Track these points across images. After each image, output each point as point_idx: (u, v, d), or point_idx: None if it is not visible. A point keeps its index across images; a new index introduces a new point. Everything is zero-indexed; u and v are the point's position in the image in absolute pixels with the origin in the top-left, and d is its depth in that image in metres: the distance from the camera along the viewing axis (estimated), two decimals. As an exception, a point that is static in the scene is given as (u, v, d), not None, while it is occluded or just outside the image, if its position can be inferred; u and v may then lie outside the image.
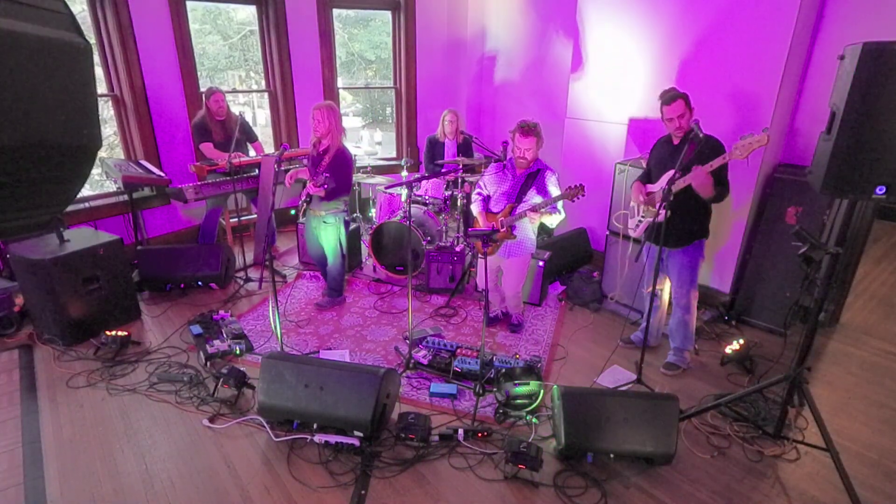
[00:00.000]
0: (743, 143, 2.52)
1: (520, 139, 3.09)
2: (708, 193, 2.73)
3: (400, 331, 3.66)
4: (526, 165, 3.19)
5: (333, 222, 3.63)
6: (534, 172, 3.20)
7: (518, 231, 3.27)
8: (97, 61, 4.37)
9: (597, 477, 2.38)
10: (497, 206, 3.31)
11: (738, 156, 2.55)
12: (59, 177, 1.16)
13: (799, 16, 3.13)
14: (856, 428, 2.75)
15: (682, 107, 2.79)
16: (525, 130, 3.07)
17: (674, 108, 2.79)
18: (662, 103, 2.84)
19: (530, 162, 3.17)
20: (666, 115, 2.84)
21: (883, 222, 6.10)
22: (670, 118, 2.83)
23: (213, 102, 4.29)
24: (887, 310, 4.10)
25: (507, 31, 5.63)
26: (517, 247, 3.33)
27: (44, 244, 3.34)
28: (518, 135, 3.09)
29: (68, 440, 2.60)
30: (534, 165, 3.19)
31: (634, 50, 4.02)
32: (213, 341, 3.30)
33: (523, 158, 3.14)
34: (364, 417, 2.44)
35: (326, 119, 3.39)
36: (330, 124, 3.40)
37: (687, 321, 3.10)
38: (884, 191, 1.93)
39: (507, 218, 3.23)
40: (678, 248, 2.99)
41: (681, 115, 2.80)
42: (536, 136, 3.09)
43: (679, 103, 2.78)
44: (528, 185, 3.20)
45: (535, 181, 3.19)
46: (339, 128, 3.47)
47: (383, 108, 10.40)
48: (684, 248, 2.97)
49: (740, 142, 2.53)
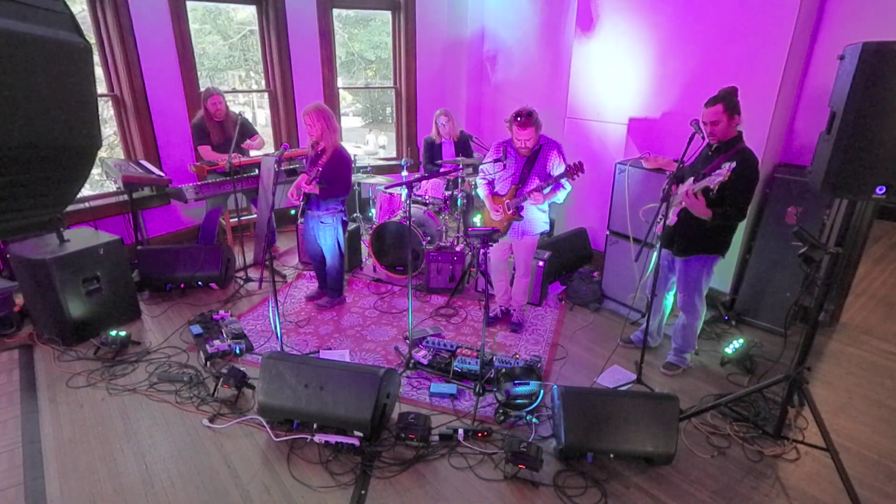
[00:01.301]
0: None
1: (518, 131, 3.06)
2: (701, 215, 2.62)
3: (400, 331, 3.66)
4: (528, 152, 3.18)
5: (331, 222, 3.63)
6: (536, 151, 3.18)
7: (525, 211, 3.26)
8: (97, 61, 4.37)
9: (597, 477, 2.38)
10: (503, 188, 3.32)
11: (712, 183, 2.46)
12: (59, 177, 1.16)
13: (799, 16, 3.13)
14: (856, 428, 2.75)
15: (719, 113, 2.58)
16: (522, 123, 3.01)
17: (711, 112, 2.61)
18: (704, 104, 2.66)
19: (532, 148, 3.16)
20: (702, 118, 2.65)
21: (883, 222, 6.10)
22: (705, 122, 2.64)
23: (212, 105, 4.28)
24: (887, 310, 4.10)
25: (506, 30, 5.63)
26: (528, 225, 3.34)
27: (44, 244, 3.33)
28: (515, 127, 3.05)
29: (68, 440, 2.60)
30: (536, 144, 3.18)
31: (635, 49, 4.03)
32: (213, 341, 3.30)
33: (524, 147, 3.14)
34: (364, 417, 2.44)
35: (317, 122, 3.34)
36: (322, 127, 3.35)
37: (690, 325, 3.09)
38: (884, 191, 1.93)
39: (512, 200, 3.22)
40: (681, 258, 2.95)
41: (714, 122, 2.61)
42: (534, 126, 3.05)
43: (716, 108, 2.58)
44: (530, 164, 3.19)
45: (538, 159, 3.18)
46: (333, 128, 3.42)
47: (383, 108, 10.40)
48: (686, 259, 2.93)
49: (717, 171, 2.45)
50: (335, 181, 3.46)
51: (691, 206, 2.64)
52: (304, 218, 3.74)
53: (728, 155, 2.63)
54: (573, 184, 3.21)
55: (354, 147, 5.21)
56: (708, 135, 2.69)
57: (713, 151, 2.76)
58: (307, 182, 3.46)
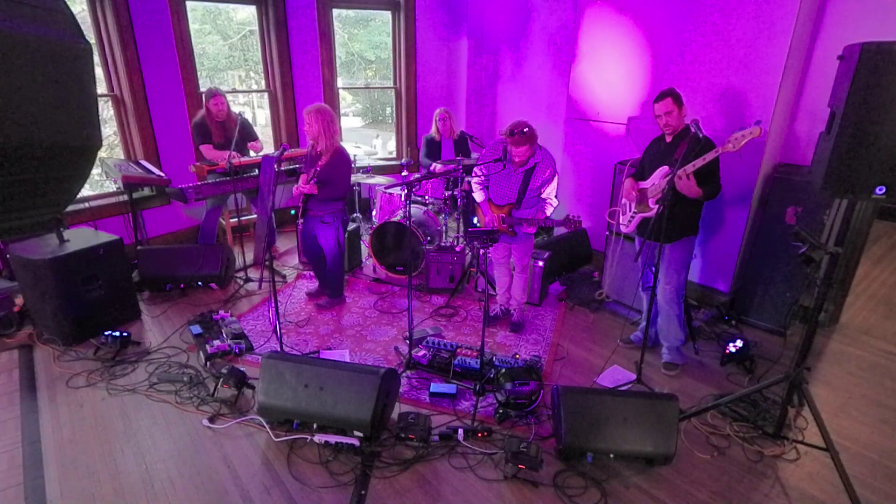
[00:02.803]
0: (735, 136, 2.57)
1: (513, 149, 3.09)
2: (694, 194, 2.77)
3: (400, 331, 3.66)
4: (524, 164, 3.21)
5: (331, 221, 3.63)
6: (530, 168, 3.21)
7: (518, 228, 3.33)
8: (97, 61, 4.37)
9: (597, 477, 2.38)
10: (497, 197, 3.35)
11: (731, 148, 2.59)
12: (59, 177, 1.16)
13: (799, 16, 3.13)
14: (856, 428, 2.75)
15: (670, 104, 2.84)
16: (517, 140, 3.04)
17: (661, 105, 2.86)
18: (653, 101, 2.91)
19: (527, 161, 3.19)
20: (655, 112, 2.91)
21: (883, 222, 6.10)
22: (658, 115, 2.90)
23: (214, 105, 4.28)
24: (887, 310, 4.10)
25: (506, 30, 5.63)
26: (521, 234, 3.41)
27: (44, 244, 3.33)
28: (511, 145, 3.08)
29: (68, 440, 2.60)
30: (531, 160, 3.20)
31: (635, 50, 4.02)
32: (213, 341, 3.30)
33: (521, 161, 3.17)
34: (364, 417, 2.44)
35: (315, 122, 3.35)
36: (320, 127, 3.36)
37: (673, 316, 3.11)
38: (884, 191, 1.93)
39: (508, 219, 3.29)
40: (667, 244, 2.99)
41: (668, 112, 2.86)
42: (529, 143, 3.08)
43: (666, 101, 2.84)
44: (526, 182, 3.23)
45: (533, 176, 3.22)
46: (332, 129, 3.42)
47: (383, 108, 10.40)
48: (672, 245, 2.99)
49: (733, 135, 2.58)
50: (333, 182, 3.47)
51: (684, 188, 2.74)
52: (304, 218, 3.74)
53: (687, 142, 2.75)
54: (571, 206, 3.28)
55: (354, 147, 5.20)
56: (664, 126, 2.92)
57: (670, 143, 2.95)
58: (306, 182, 3.46)
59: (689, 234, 3.01)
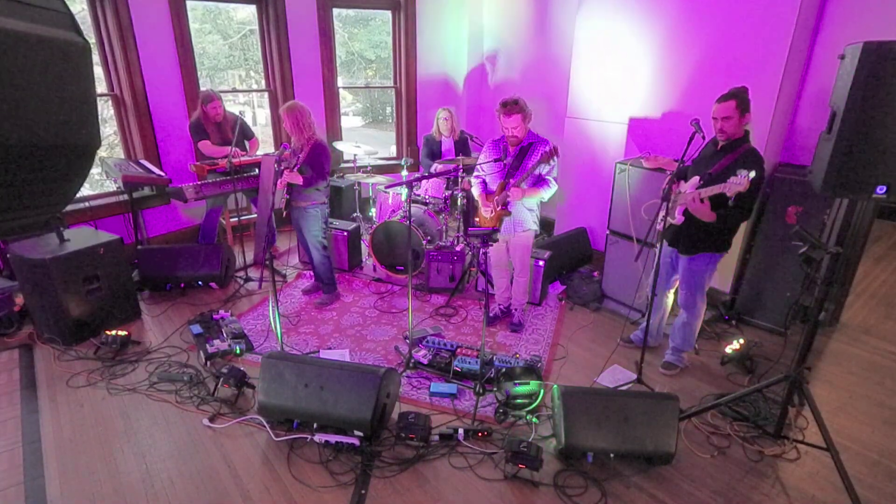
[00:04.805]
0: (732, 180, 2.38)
1: (504, 119, 3.12)
2: (707, 218, 2.61)
3: (400, 330, 3.66)
4: (518, 142, 3.21)
5: (315, 213, 3.71)
6: (525, 147, 3.21)
7: (512, 206, 3.28)
8: (97, 61, 4.37)
9: (597, 477, 2.38)
10: (494, 185, 3.35)
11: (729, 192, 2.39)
12: (59, 176, 1.16)
13: (799, 15, 3.13)
14: (856, 428, 2.75)
15: (732, 108, 2.54)
16: (507, 109, 3.07)
17: (723, 107, 2.57)
18: (716, 99, 2.63)
19: (521, 138, 3.19)
20: (713, 113, 2.63)
21: (883, 222, 6.10)
22: (715, 117, 2.62)
23: (211, 109, 4.28)
24: (887, 310, 4.10)
25: (506, 30, 5.63)
26: (518, 224, 3.37)
27: (44, 244, 3.33)
28: (502, 115, 3.11)
29: (68, 440, 2.60)
30: (525, 140, 3.21)
31: (635, 49, 4.02)
32: (213, 341, 3.30)
33: (514, 136, 3.18)
34: (364, 417, 2.44)
35: (287, 120, 3.49)
36: (291, 125, 3.49)
37: (690, 324, 3.09)
38: (884, 190, 1.93)
39: (500, 195, 3.25)
40: (686, 256, 2.94)
41: (726, 118, 2.57)
42: (521, 112, 3.09)
43: (729, 104, 2.55)
44: (519, 161, 3.23)
45: (527, 156, 3.21)
46: (306, 124, 3.52)
47: (383, 107, 10.41)
48: (691, 258, 2.91)
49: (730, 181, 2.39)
50: (312, 167, 3.55)
51: (696, 211, 2.62)
52: (289, 210, 3.78)
53: (735, 155, 2.60)
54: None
55: (354, 147, 5.19)
56: (718, 131, 2.65)
57: (719, 150, 2.73)
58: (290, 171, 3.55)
59: (710, 251, 2.82)
